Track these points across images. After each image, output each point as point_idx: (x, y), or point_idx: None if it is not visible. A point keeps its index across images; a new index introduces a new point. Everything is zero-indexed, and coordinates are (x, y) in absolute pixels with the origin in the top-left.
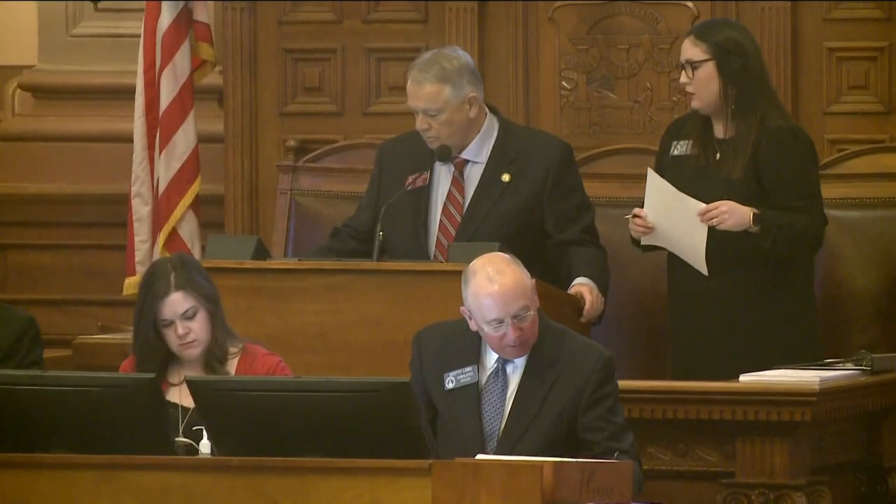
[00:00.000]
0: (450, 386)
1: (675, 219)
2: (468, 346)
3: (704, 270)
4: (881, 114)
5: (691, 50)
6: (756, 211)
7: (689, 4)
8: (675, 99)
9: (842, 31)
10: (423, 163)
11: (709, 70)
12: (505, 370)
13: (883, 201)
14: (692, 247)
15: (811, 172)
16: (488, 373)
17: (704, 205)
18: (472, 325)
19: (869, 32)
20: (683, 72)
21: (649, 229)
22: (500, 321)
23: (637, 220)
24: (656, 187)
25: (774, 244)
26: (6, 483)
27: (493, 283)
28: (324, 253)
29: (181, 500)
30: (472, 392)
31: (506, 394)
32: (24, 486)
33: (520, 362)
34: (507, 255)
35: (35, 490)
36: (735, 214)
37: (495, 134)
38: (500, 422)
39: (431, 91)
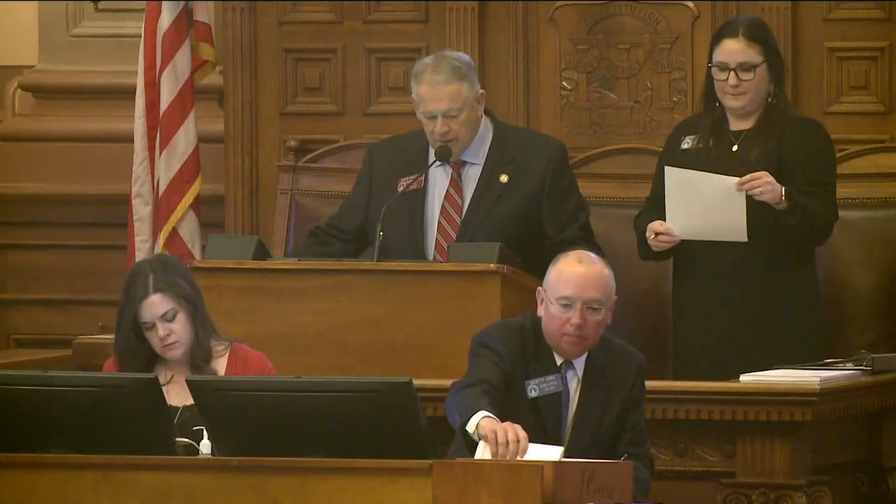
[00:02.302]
0: (533, 394)
1: (705, 204)
2: (548, 355)
3: (745, 237)
4: (881, 114)
5: (747, 52)
6: (786, 189)
7: (689, 4)
8: (675, 99)
9: (842, 31)
10: (415, 166)
11: (763, 71)
12: (567, 375)
13: (883, 201)
14: (728, 221)
15: (829, 165)
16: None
17: (737, 178)
18: (540, 311)
19: (869, 32)
20: (733, 74)
21: (674, 239)
22: (571, 302)
23: (660, 236)
24: (677, 182)
25: (800, 223)
26: (6, 483)
27: (581, 265)
28: (308, 254)
29: (181, 501)
30: (555, 400)
31: (570, 400)
32: (24, 486)
33: (578, 368)
34: (603, 259)
35: (35, 490)
36: (774, 189)
37: (490, 135)
38: (564, 430)
39: (452, 90)
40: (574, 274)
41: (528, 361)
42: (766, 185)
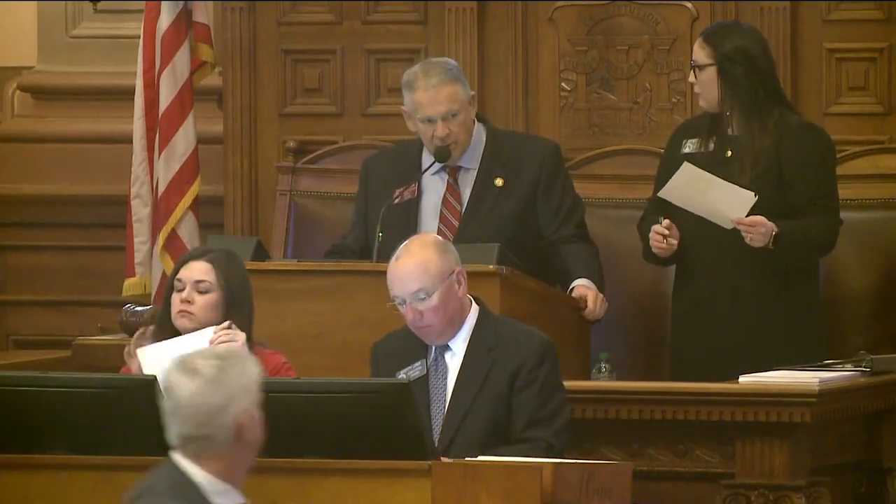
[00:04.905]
0: None
1: (706, 201)
2: (418, 343)
3: (728, 226)
4: (881, 115)
5: (698, 52)
6: (777, 230)
7: (689, 5)
8: (674, 100)
9: (841, 32)
10: (408, 175)
11: (710, 74)
12: (443, 357)
13: (883, 202)
14: (719, 213)
15: (830, 169)
16: (429, 363)
17: (749, 193)
18: None
19: (869, 33)
20: (692, 71)
21: (671, 245)
22: (399, 301)
23: (656, 235)
24: (689, 176)
25: (790, 259)
26: (6, 483)
27: (396, 261)
28: None
29: None
30: (423, 385)
31: (446, 381)
32: (24, 486)
33: (458, 349)
34: (438, 239)
35: (34, 491)
36: (764, 239)
37: (484, 139)
38: (443, 409)
39: (450, 91)
40: (391, 274)
41: (402, 358)
42: (759, 235)
